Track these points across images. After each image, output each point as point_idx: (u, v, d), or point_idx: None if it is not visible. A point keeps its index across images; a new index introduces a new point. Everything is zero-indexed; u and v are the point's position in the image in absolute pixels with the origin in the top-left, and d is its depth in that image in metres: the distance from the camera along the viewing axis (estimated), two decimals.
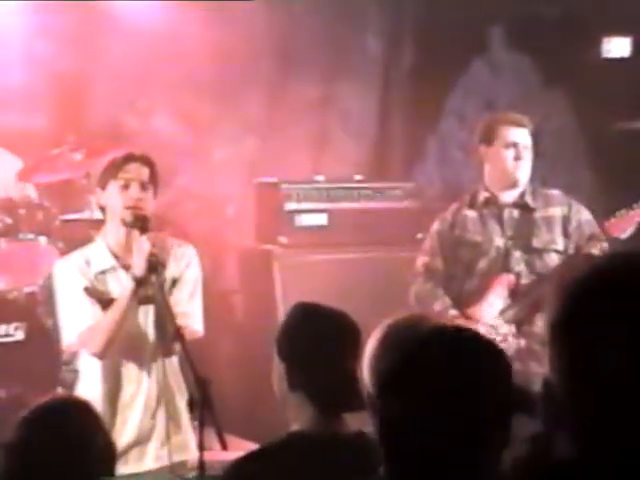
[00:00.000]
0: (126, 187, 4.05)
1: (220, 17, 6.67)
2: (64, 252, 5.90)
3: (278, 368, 2.90)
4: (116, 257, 4.13)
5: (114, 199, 4.08)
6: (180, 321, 3.94)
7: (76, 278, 4.11)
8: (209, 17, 6.65)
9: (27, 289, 5.93)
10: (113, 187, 4.08)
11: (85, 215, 6.17)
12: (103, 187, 4.12)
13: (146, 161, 4.11)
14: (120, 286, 4.09)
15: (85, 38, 6.69)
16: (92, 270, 4.12)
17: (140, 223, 4.02)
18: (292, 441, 2.82)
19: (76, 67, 6.65)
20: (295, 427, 2.86)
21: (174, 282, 4.14)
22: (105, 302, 4.10)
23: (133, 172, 4.06)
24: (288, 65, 6.91)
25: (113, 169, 4.09)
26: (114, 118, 6.79)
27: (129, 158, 4.10)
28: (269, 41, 6.92)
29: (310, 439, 2.81)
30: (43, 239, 5.98)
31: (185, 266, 4.19)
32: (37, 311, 5.96)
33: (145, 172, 4.07)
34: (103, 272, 4.12)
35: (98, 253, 4.15)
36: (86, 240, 5.81)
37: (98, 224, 6.13)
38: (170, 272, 4.13)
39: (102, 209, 4.20)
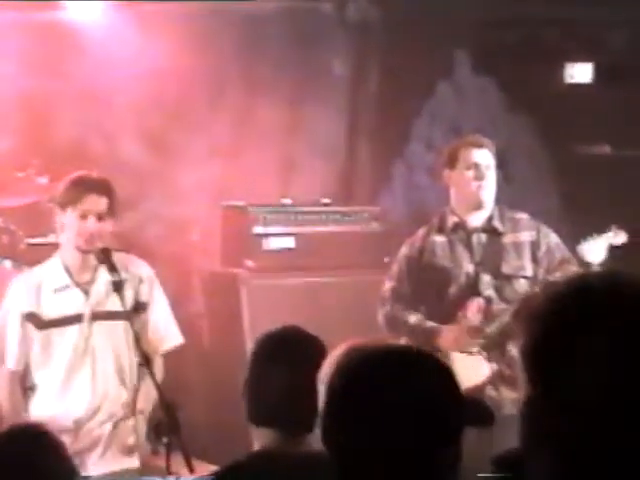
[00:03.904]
0: (83, 217, 4.19)
1: (187, 40, 6.69)
2: None
3: None
4: (70, 275, 4.29)
5: (71, 227, 4.25)
6: (163, 344, 4.30)
7: (21, 301, 4.31)
8: (175, 40, 6.66)
9: None
10: (71, 214, 4.23)
11: (51, 239, 6.14)
12: (62, 210, 4.27)
13: (104, 191, 4.22)
14: (73, 304, 4.26)
15: (50, 60, 6.68)
16: (46, 289, 4.29)
17: (102, 257, 4.17)
18: (252, 462, 2.84)
19: (41, 89, 6.64)
20: (256, 445, 2.89)
21: (143, 305, 4.30)
22: (41, 326, 4.27)
23: (90, 204, 4.19)
24: (254, 89, 6.93)
25: (71, 198, 4.23)
26: (80, 141, 6.78)
27: (87, 188, 4.20)
28: (236, 64, 6.94)
29: (270, 459, 2.82)
30: (8, 262, 5.95)
31: (150, 285, 4.37)
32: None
33: (103, 203, 4.20)
34: (57, 290, 4.29)
35: (54, 271, 4.33)
36: None
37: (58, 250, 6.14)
38: (131, 293, 4.28)
39: (61, 228, 4.35)
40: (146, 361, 3.96)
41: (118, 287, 4.13)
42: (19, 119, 6.64)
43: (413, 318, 4.83)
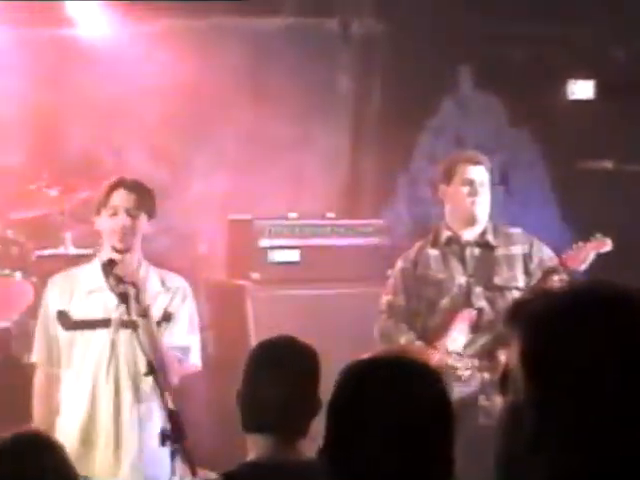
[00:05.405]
0: (114, 214, 4.26)
1: (195, 56, 6.76)
2: (39, 287, 5.95)
3: None
4: (107, 277, 4.31)
5: (105, 227, 4.32)
6: (180, 355, 4.28)
7: (55, 300, 4.36)
8: (184, 56, 6.74)
9: (2, 324, 5.97)
10: (104, 214, 4.30)
11: (60, 251, 6.22)
12: (98, 214, 4.34)
13: (134, 188, 4.30)
14: (103, 306, 4.30)
15: (61, 75, 6.76)
16: (79, 289, 4.33)
17: (107, 268, 4.22)
18: (243, 472, 2.87)
19: (52, 104, 6.71)
20: (251, 452, 2.91)
21: (169, 316, 4.32)
22: (68, 326, 4.32)
23: (119, 200, 4.28)
24: (261, 104, 6.98)
25: (102, 199, 4.32)
26: (89, 155, 6.85)
27: (116, 186, 4.30)
28: (242, 79, 6.99)
29: (259, 469, 2.85)
30: (18, 274, 6.01)
31: (181, 301, 4.39)
32: (12, 346, 5.98)
33: (131, 199, 4.27)
34: (91, 292, 4.34)
35: (90, 273, 4.38)
36: None
37: (73, 259, 6.24)
38: (162, 304, 4.32)
39: (99, 233, 4.42)
40: (151, 370, 3.95)
41: (124, 298, 4.14)
42: (30, 133, 6.72)
43: (403, 338, 4.87)
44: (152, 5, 6.58)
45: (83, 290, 4.34)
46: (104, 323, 4.31)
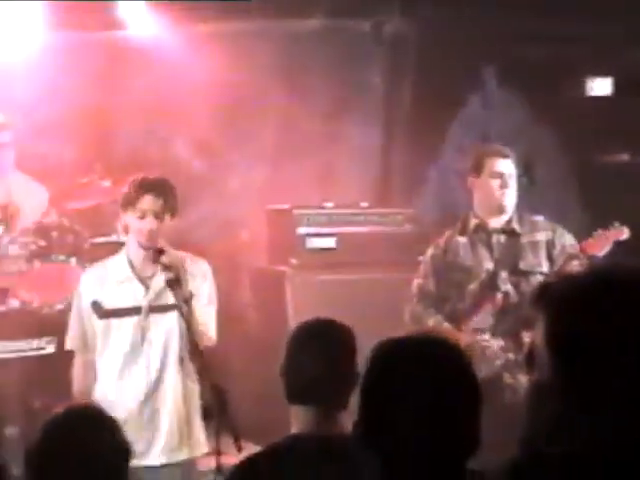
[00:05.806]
0: (142, 217, 4.49)
1: (236, 57, 7.00)
2: None
3: None
4: (133, 269, 4.58)
5: (132, 225, 4.55)
6: (198, 328, 4.38)
7: (88, 292, 4.61)
8: (225, 57, 6.97)
9: (58, 306, 6.19)
10: (131, 215, 4.53)
11: (113, 238, 6.43)
12: (125, 211, 4.58)
13: (161, 191, 4.49)
14: (133, 296, 4.55)
15: (111, 74, 7.01)
16: (109, 281, 4.57)
17: (156, 256, 4.45)
18: (286, 444, 2.97)
19: (103, 101, 6.97)
20: (294, 424, 3.02)
21: (191, 295, 4.47)
22: (102, 314, 4.57)
23: (148, 205, 4.47)
24: (298, 100, 7.19)
25: (131, 200, 4.52)
26: (138, 148, 7.07)
27: (144, 190, 4.49)
28: (281, 77, 7.21)
29: (302, 441, 2.95)
30: (74, 260, 6.26)
31: (201, 281, 4.60)
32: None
33: (159, 203, 4.47)
34: (120, 282, 4.59)
35: (118, 265, 4.62)
36: None
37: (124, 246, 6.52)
38: (186, 287, 4.45)
39: (126, 228, 4.69)
40: (195, 349, 4.14)
41: (172, 284, 4.29)
42: (83, 129, 6.96)
43: (432, 320, 5.10)
44: (196, 8, 6.79)
45: (112, 281, 4.55)
46: (134, 311, 4.52)
